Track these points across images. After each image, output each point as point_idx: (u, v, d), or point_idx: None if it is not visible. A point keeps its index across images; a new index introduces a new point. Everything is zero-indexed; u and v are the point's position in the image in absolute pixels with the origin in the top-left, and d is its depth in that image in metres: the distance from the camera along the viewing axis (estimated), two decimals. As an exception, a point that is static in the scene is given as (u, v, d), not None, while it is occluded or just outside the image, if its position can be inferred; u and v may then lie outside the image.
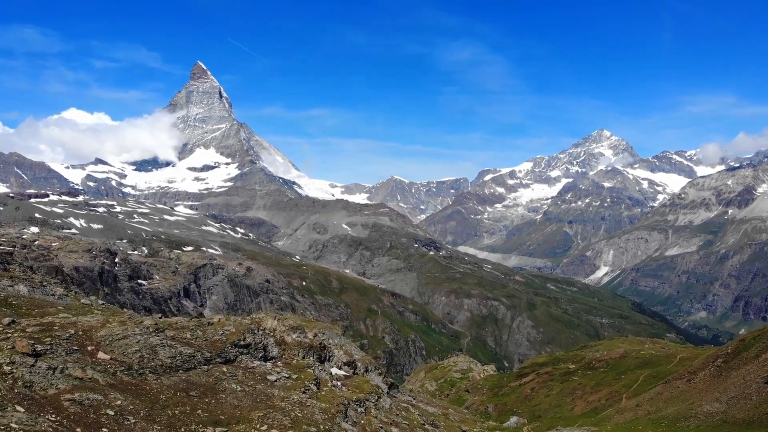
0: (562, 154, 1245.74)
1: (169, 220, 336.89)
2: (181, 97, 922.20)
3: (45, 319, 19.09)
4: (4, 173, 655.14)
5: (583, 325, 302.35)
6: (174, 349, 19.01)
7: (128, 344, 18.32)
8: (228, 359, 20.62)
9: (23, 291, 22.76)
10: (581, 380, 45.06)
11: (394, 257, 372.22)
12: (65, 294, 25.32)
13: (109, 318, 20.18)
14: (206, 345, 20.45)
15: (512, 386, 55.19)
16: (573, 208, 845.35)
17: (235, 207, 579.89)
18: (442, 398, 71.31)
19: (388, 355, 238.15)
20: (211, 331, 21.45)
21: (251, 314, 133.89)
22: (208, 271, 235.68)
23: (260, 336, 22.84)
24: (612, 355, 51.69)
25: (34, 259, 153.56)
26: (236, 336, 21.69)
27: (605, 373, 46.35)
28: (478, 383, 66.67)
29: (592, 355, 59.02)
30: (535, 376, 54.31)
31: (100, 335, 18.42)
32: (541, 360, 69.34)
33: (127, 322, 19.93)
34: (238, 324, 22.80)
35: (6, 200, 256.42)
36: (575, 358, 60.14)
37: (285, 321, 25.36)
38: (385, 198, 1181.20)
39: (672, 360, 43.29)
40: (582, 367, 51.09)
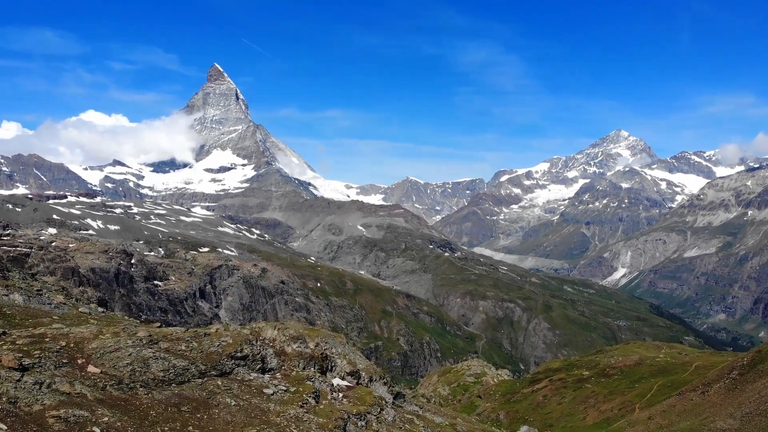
0: (579, 155, 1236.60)
1: (186, 221, 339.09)
2: (198, 99, 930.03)
3: (37, 330, 18.74)
4: (23, 175, 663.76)
5: (601, 327, 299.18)
6: (167, 361, 18.53)
7: (120, 357, 17.89)
8: (224, 372, 20.10)
9: (18, 300, 22.44)
10: (594, 388, 44.08)
11: (408, 258, 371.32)
12: (63, 302, 25.03)
13: (103, 329, 19.77)
14: (201, 357, 19.97)
15: (525, 393, 54.27)
16: (590, 209, 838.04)
17: (252, 208, 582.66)
18: (454, 403, 70.51)
19: (403, 357, 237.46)
20: (207, 343, 20.95)
21: (257, 321, 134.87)
22: (224, 272, 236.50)
23: (258, 347, 22.31)
24: (626, 362, 50.59)
25: (50, 260, 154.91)
26: (233, 347, 21.18)
27: (619, 380, 45.31)
28: (490, 389, 65.80)
29: (606, 361, 57.90)
30: (548, 382, 53.33)
31: (92, 348, 18.02)
32: (555, 365, 68.24)
33: (120, 333, 19.51)
34: (236, 334, 22.27)
35: (24, 202, 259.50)
36: (590, 364, 59.05)
37: (285, 331, 24.78)
38: (401, 199, 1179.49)
39: (687, 368, 42.17)
40: (596, 374, 50.04)
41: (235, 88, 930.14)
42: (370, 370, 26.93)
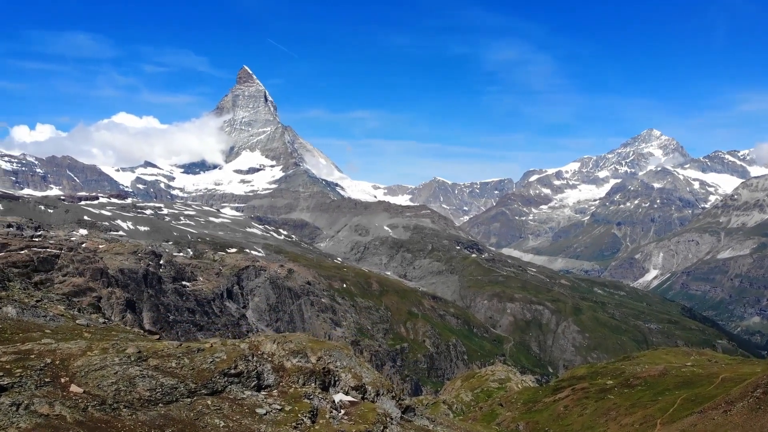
0: (610, 154, 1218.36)
1: (215, 222, 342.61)
2: (228, 101, 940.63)
3: (25, 345, 18.31)
4: (57, 176, 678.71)
5: (631, 330, 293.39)
6: (155, 380, 17.90)
7: (105, 375, 17.31)
8: (215, 390, 19.39)
9: (11, 313, 22.11)
10: (617, 399, 42.50)
11: (435, 259, 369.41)
12: (61, 314, 24.68)
13: (93, 344, 19.27)
14: (192, 375, 19.30)
15: (546, 402, 52.78)
16: (621, 209, 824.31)
17: (280, 209, 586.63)
18: (475, 411, 69.19)
19: (429, 359, 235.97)
20: (199, 359, 20.28)
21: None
22: (251, 272, 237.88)
23: (255, 363, 21.56)
24: (651, 372, 48.78)
25: (80, 261, 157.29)
26: (227, 364, 20.47)
27: (642, 392, 43.63)
28: (512, 397, 64.36)
29: (632, 369, 56.05)
30: (570, 391, 51.78)
31: (77, 365, 17.49)
32: (580, 372, 66.47)
33: (109, 349, 18.98)
34: (231, 350, 21.55)
35: (56, 203, 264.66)
36: (614, 372, 57.26)
37: (286, 345, 23.97)
38: (428, 199, 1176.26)
39: (713, 380, 40.30)
40: (619, 384, 48.35)
41: (264, 90, 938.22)
42: (377, 384, 25.98)
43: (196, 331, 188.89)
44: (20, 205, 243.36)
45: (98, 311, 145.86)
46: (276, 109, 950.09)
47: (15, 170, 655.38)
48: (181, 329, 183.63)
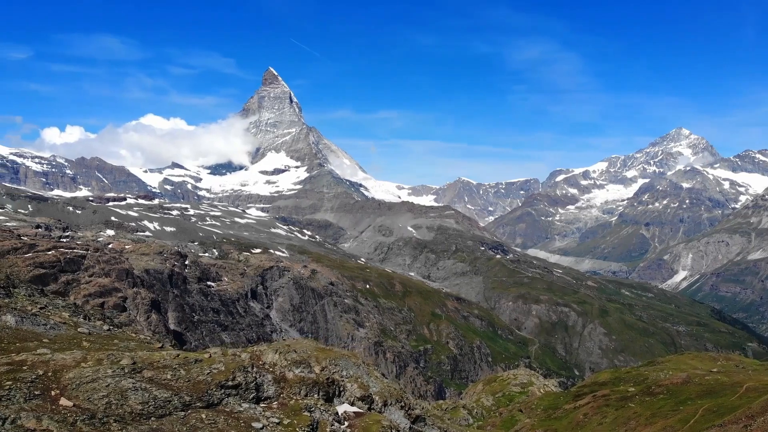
0: (638, 154, 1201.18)
1: (240, 223, 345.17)
2: (254, 103, 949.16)
3: (19, 356, 18.09)
4: (86, 177, 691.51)
5: (659, 332, 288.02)
6: (148, 392, 17.50)
7: (96, 388, 16.96)
8: (210, 403, 18.92)
9: (10, 322, 21.96)
10: (637, 408, 41.22)
11: (459, 260, 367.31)
12: (63, 322, 24.51)
13: (89, 354, 18.99)
14: (187, 387, 18.87)
15: (566, 409, 51.57)
16: (650, 209, 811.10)
17: (304, 209, 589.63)
18: (496, 416, 68.11)
19: (452, 361, 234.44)
20: (196, 371, 19.85)
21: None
22: (275, 273, 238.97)
23: (254, 374, 21.05)
24: (673, 380, 47.28)
25: (105, 261, 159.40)
26: (224, 375, 20.00)
27: (664, 401, 42.25)
28: (532, 403, 63.19)
29: (655, 375, 54.49)
30: (591, 398, 50.51)
31: (68, 377, 17.19)
32: (603, 378, 64.99)
33: (103, 360, 18.65)
34: (230, 360, 21.08)
35: (84, 204, 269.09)
36: (637, 378, 55.77)
37: (288, 354, 23.43)
38: (453, 200, 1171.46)
39: (737, 390, 38.77)
40: (641, 392, 46.96)
41: (289, 92, 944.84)
42: (385, 394, 25.32)
43: (221, 331, 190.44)
44: (49, 206, 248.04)
45: (122, 311, 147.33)
46: (301, 111, 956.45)
47: (45, 171, 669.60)
48: (206, 329, 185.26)
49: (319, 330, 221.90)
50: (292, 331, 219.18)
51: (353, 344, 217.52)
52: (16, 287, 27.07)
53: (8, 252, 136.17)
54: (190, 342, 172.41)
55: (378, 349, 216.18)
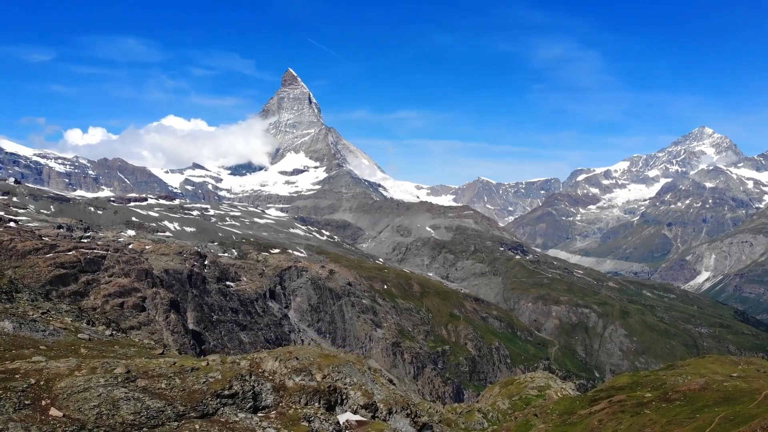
0: (660, 153, 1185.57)
1: (259, 223, 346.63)
2: (273, 104, 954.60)
3: (13, 364, 17.91)
4: (108, 178, 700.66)
5: (681, 334, 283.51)
6: (140, 402, 17.19)
7: (87, 398, 16.70)
8: (205, 413, 18.55)
9: (8, 328, 21.81)
10: (653, 415, 40.17)
11: (478, 261, 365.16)
12: (63, 327, 24.33)
13: (83, 362, 18.76)
14: (182, 396, 18.54)
15: (582, 414, 50.58)
16: (672, 209, 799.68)
17: (323, 209, 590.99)
18: (511, 420, 67.14)
19: (471, 362, 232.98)
20: (192, 379, 19.50)
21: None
22: (293, 273, 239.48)
23: (252, 382, 20.65)
24: (691, 386, 46.06)
25: (125, 262, 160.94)
26: (220, 384, 19.63)
27: (680, 408, 41.14)
28: (548, 407, 62.14)
29: (673, 380, 53.24)
30: (606, 404, 49.48)
31: (60, 387, 16.96)
32: (621, 381, 63.76)
33: (97, 369, 18.40)
34: (228, 369, 20.70)
35: (106, 204, 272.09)
36: (655, 383, 54.53)
37: (288, 362, 22.98)
38: (472, 200, 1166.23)
39: (756, 397, 37.56)
40: (657, 398, 45.82)
41: (309, 93, 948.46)
42: (390, 401, 24.76)
43: (239, 330, 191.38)
44: (71, 206, 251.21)
45: (141, 311, 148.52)
46: (320, 111, 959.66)
47: (68, 172, 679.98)
48: (225, 329, 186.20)
49: (336, 330, 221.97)
50: (310, 331, 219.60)
51: (371, 344, 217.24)
52: (19, 291, 27.07)
53: (29, 252, 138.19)
54: (209, 341, 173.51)
55: (396, 350, 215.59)
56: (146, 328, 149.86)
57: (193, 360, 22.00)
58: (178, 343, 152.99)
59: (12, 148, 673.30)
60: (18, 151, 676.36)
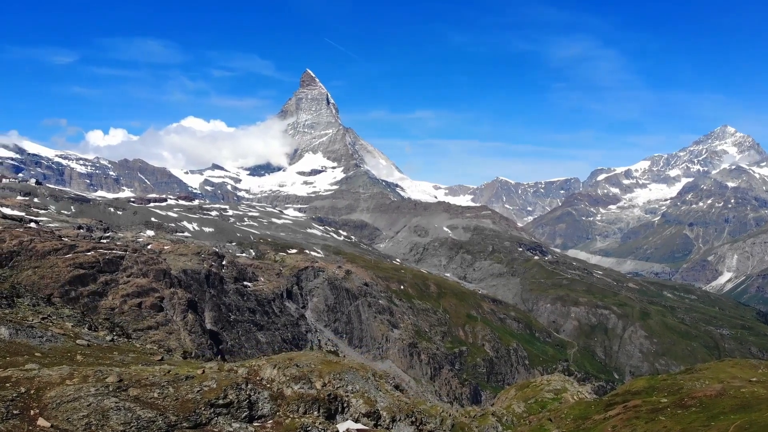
0: (682, 152, 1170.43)
1: (277, 223, 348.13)
2: (292, 105, 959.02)
3: (5, 371, 17.71)
4: (129, 179, 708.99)
5: (702, 336, 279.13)
6: (131, 412, 16.88)
7: (77, 408, 16.44)
8: (198, 423, 18.18)
9: (4, 334, 21.69)
10: (668, 422, 39.19)
11: (496, 261, 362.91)
12: (62, 333, 24.17)
13: (76, 370, 18.54)
14: (174, 406, 18.21)
15: (596, 420, 49.61)
16: (694, 209, 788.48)
17: (340, 210, 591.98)
18: (525, 424, 66.24)
19: (488, 363, 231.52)
20: (185, 388, 19.18)
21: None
22: (310, 273, 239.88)
23: (248, 391, 20.27)
24: (707, 392, 44.90)
25: (143, 262, 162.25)
26: (215, 393, 19.28)
27: (696, 414, 40.07)
28: (562, 411, 61.13)
29: (690, 385, 52.03)
30: (621, 409, 48.51)
31: (50, 396, 16.73)
32: (637, 386, 62.51)
33: (89, 377, 18.17)
34: (224, 377, 20.37)
35: (126, 205, 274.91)
36: (672, 388, 53.33)
37: (287, 370, 22.57)
38: (490, 199, 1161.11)
39: (773, 404, 36.50)
40: (673, 404, 44.74)
41: (326, 93, 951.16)
42: (394, 409, 24.26)
43: (257, 330, 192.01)
44: (91, 207, 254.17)
45: (159, 311, 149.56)
46: (337, 111, 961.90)
47: (89, 173, 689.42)
48: (242, 329, 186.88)
49: (353, 331, 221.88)
50: (327, 332, 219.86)
51: (387, 345, 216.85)
52: (20, 296, 27.05)
53: (49, 252, 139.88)
54: (226, 341, 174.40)
55: (412, 351, 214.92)
56: (164, 328, 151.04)
57: (189, 367, 21.68)
58: (195, 343, 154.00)
59: (35, 149, 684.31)
60: (40, 152, 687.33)
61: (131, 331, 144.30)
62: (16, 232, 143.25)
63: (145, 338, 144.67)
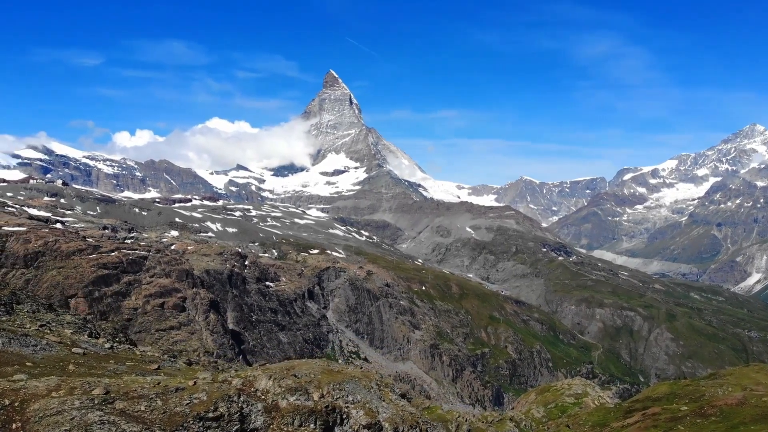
0: (710, 151, 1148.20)
1: (299, 224, 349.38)
2: (315, 105, 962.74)
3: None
4: (155, 179, 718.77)
5: (729, 338, 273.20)
6: (115, 426, 16.44)
7: (59, 422, 16.06)
8: (186, 437, 17.80)
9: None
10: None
11: (519, 262, 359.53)
12: (58, 341, 23.94)
13: (64, 382, 18.22)
14: (161, 419, 17.75)
15: (614, 427, 48.37)
16: (722, 209, 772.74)
17: (363, 210, 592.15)
18: (543, 430, 65.00)
19: (511, 365, 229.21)
20: (174, 400, 18.71)
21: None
22: (331, 273, 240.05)
23: (241, 403, 19.76)
24: (728, 400, 43.41)
25: (166, 263, 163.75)
26: (205, 406, 18.77)
27: (715, 424, 38.71)
28: (581, 418, 59.83)
29: (712, 392, 50.50)
30: (640, 416, 47.22)
31: (33, 409, 16.40)
32: (659, 391, 60.99)
33: (76, 389, 17.82)
34: (215, 389, 19.86)
35: (150, 205, 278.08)
36: (694, 395, 51.85)
37: (283, 381, 21.97)
38: (514, 199, 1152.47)
39: (797, 415, 35.00)
40: (693, 412, 43.34)
41: (349, 93, 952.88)
42: (397, 420, 23.54)
43: (278, 330, 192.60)
44: (117, 207, 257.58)
45: (181, 311, 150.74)
46: (360, 112, 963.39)
47: (116, 174, 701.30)
48: (264, 329, 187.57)
49: (374, 332, 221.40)
50: (348, 332, 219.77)
51: (408, 346, 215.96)
52: (20, 303, 26.98)
53: (73, 253, 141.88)
54: (248, 341, 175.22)
55: (434, 352, 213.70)
56: (186, 329, 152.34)
57: (183, 378, 21.27)
58: (217, 343, 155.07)
59: (62, 150, 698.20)
60: (68, 153, 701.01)
61: (154, 331, 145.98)
62: (41, 232, 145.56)
63: (167, 338, 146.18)
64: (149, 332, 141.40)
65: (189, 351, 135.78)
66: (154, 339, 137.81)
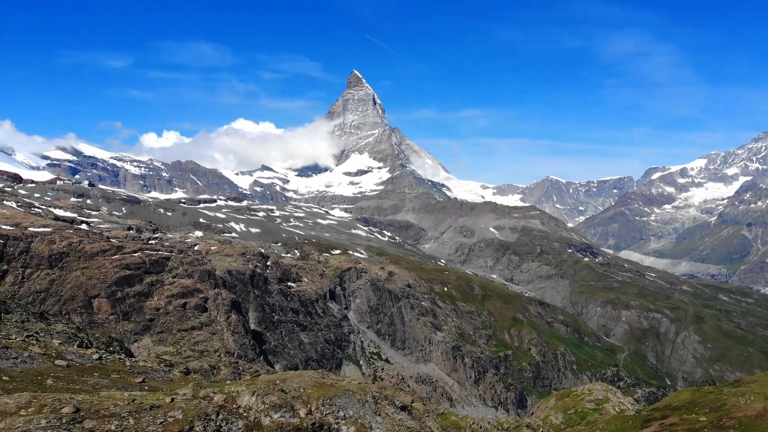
0: (740, 150, 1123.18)
1: (322, 224, 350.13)
2: (339, 106, 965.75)
3: (-38, 399, 17.06)
4: (181, 180, 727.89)
5: (759, 341, 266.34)
6: (81, 448, 15.91)
7: (23, 443, 15.55)
8: (157, 459, 17.13)
9: (-22, 356, 21.18)
10: (704, 447, 36.39)
11: (544, 263, 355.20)
12: (43, 353, 23.49)
13: (34, 399, 17.69)
14: (132, 440, 17.14)
15: (632, 439, 46.93)
16: (752, 209, 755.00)
17: (386, 210, 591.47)
18: (560, 439, 63.45)
19: (535, 368, 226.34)
20: (147, 419, 18.05)
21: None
22: (353, 274, 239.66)
23: (219, 421, 19.03)
24: (747, 412, 41.51)
25: (189, 263, 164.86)
26: (179, 425, 18.05)
27: (732, 438, 37.12)
28: (598, 426, 58.15)
29: (734, 400, 48.44)
30: (658, 426, 45.58)
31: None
32: (680, 399, 58.99)
33: (46, 407, 17.29)
34: (192, 407, 19.15)
35: (175, 206, 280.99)
36: (715, 404, 49.82)
37: (267, 397, 21.11)
38: (540, 199, 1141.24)
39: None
40: (711, 423, 41.58)
41: (373, 94, 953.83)
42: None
43: (300, 331, 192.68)
44: (142, 208, 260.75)
45: (203, 312, 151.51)
46: (384, 112, 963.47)
47: (143, 174, 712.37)
48: (285, 329, 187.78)
49: (396, 332, 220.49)
50: (370, 333, 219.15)
51: (430, 348, 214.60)
52: (9, 312, 26.68)
53: (97, 254, 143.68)
54: (269, 342, 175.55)
55: (456, 354, 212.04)
56: (207, 329, 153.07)
57: (161, 395, 20.63)
58: (238, 343, 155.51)
59: (90, 151, 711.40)
60: (96, 154, 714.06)
61: (175, 331, 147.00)
62: (66, 233, 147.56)
63: (189, 339, 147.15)
64: (171, 332, 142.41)
65: (210, 351, 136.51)
66: (176, 339, 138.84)
